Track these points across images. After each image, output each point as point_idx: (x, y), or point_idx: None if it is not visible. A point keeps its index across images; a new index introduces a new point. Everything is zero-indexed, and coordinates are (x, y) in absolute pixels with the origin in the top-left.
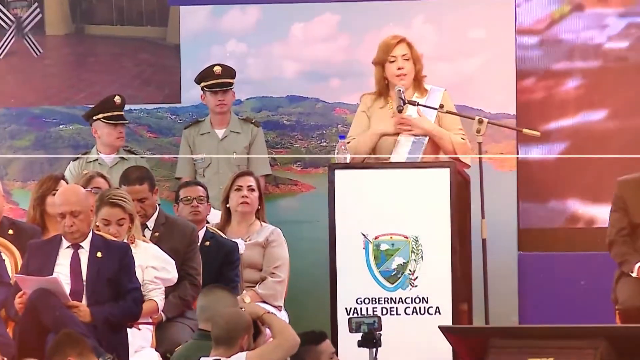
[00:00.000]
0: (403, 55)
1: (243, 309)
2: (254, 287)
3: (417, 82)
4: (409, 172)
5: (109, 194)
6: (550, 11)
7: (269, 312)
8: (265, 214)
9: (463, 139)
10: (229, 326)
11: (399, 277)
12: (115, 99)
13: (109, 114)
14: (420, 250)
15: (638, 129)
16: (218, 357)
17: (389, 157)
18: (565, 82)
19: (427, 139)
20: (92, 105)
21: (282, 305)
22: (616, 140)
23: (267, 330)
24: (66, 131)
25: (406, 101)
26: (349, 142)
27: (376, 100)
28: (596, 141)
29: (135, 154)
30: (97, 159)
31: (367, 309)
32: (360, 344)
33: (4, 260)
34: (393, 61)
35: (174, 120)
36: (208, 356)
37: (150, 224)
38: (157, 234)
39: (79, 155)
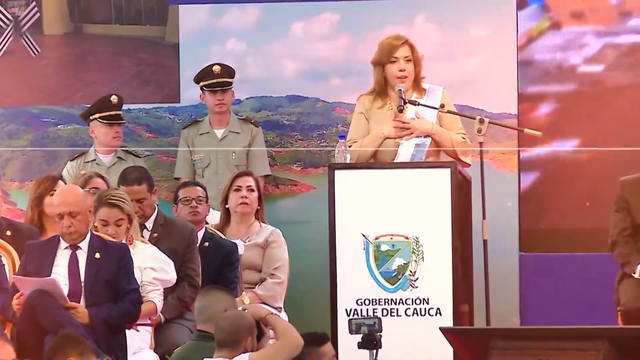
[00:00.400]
0: (405, 57)
1: (246, 311)
2: (254, 288)
3: (416, 83)
4: (410, 173)
5: (107, 195)
6: (529, 27)
7: (272, 314)
8: (265, 215)
9: (464, 138)
10: (232, 328)
11: (400, 278)
12: (111, 99)
13: (105, 113)
14: (421, 251)
15: (612, 158)
16: (221, 359)
17: (394, 162)
18: (539, 106)
19: (429, 140)
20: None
21: (282, 306)
22: (590, 169)
23: (271, 332)
24: (64, 131)
25: (407, 101)
26: (350, 146)
27: (375, 100)
28: (568, 170)
29: (133, 154)
30: (94, 159)
31: (367, 310)
32: (361, 345)
33: (4, 265)
34: (394, 62)
35: (172, 120)
36: (209, 357)
37: (149, 224)
38: (155, 234)
39: (77, 149)
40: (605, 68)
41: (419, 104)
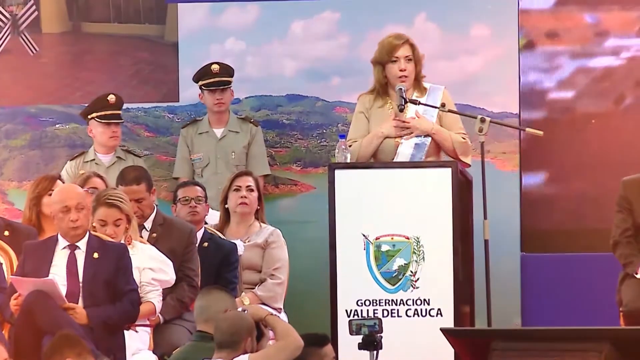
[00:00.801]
0: (406, 56)
1: (246, 311)
2: (254, 288)
3: (417, 82)
4: (410, 172)
5: (105, 195)
6: None
7: (272, 314)
8: (265, 215)
9: (464, 138)
10: (232, 329)
11: (400, 279)
12: (109, 98)
13: (102, 112)
14: (421, 251)
15: (582, 193)
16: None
17: (394, 162)
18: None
19: (429, 139)
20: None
21: (282, 307)
22: (559, 205)
23: (271, 333)
24: (62, 130)
25: (407, 100)
26: (350, 145)
27: (375, 100)
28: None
29: (133, 154)
30: (94, 159)
31: (367, 310)
32: (361, 346)
33: (1, 264)
34: (395, 61)
35: (171, 119)
36: (209, 358)
37: (148, 224)
38: (154, 234)
39: (75, 149)
40: (576, 94)
41: (419, 103)
